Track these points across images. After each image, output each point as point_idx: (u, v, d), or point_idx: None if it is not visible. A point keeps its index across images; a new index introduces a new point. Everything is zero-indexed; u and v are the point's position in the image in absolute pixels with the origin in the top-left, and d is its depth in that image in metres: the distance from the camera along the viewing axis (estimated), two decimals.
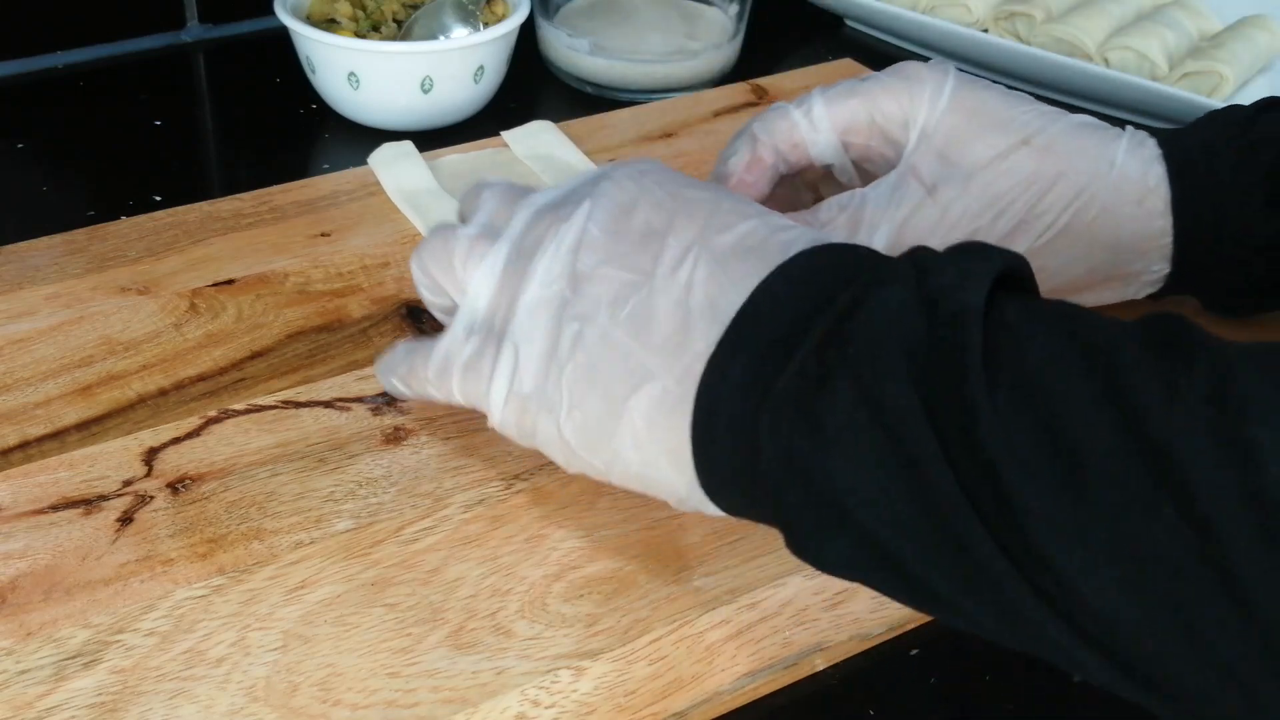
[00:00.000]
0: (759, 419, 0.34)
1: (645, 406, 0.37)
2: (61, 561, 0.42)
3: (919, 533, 0.31)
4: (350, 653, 0.40)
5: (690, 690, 0.40)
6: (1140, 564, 0.28)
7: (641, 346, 0.38)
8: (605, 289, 0.39)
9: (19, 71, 0.75)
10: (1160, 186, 0.50)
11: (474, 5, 0.70)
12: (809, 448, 0.33)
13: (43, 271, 0.56)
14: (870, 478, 0.32)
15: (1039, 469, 0.29)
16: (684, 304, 0.37)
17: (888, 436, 0.31)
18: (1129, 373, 0.29)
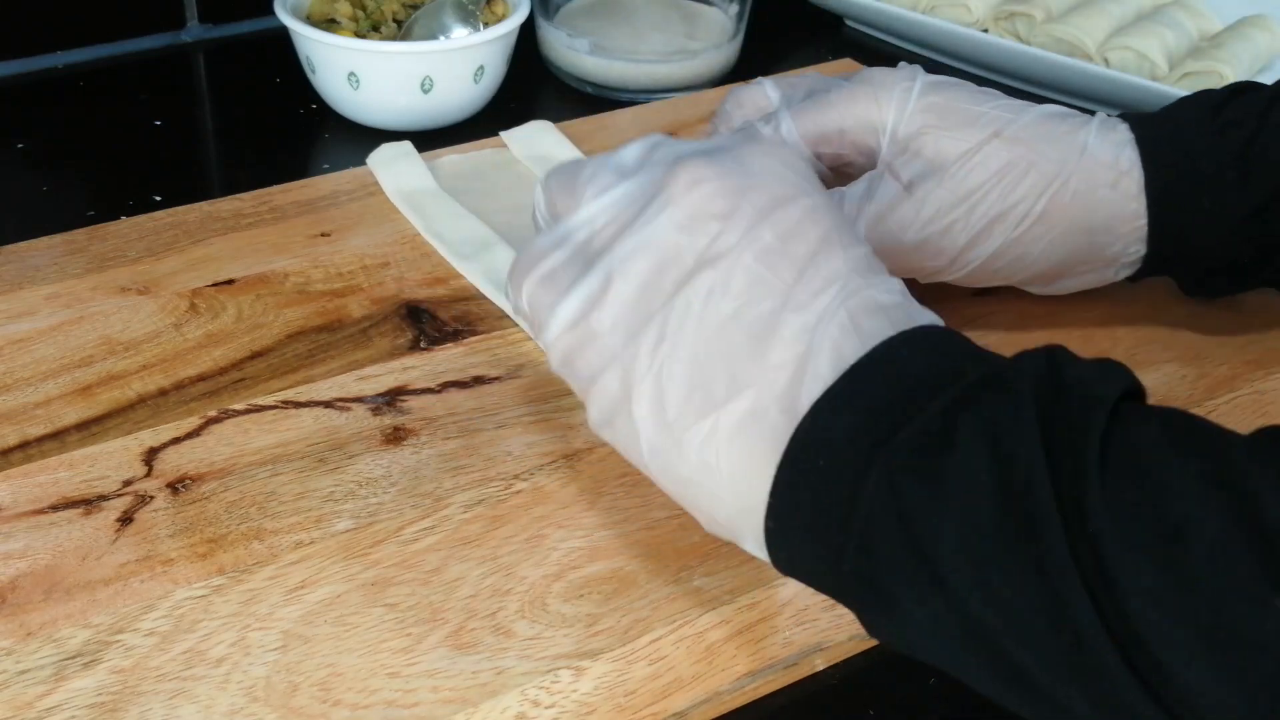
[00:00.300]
0: (871, 466, 0.32)
1: (738, 419, 0.35)
2: (61, 561, 0.42)
3: (1020, 602, 0.30)
4: (350, 653, 0.40)
5: (690, 690, 0.40)
6: (1244, 652, 0.28)
7: (754, 359, 0.35)
8: (740, 279, 0.36)
9: (19, 71, 0.75)
10: (1133, 169, 0.51)
11: (474, 5, 0.70)
12: (924, 502, 0.31)
13: (43, 271, 0.56)
14: (979, 537, 0.30)
15: (1143, 544, 0.29)
16: (810, 335, 0.35)
17: (1005, 497, 0.30)
18: (1241, 459, 0.29)
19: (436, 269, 0.58)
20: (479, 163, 0.65)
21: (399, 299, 0.56)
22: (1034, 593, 0.30)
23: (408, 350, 0.53)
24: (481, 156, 0.66)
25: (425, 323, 0.54)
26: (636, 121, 0.71)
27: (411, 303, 0.55)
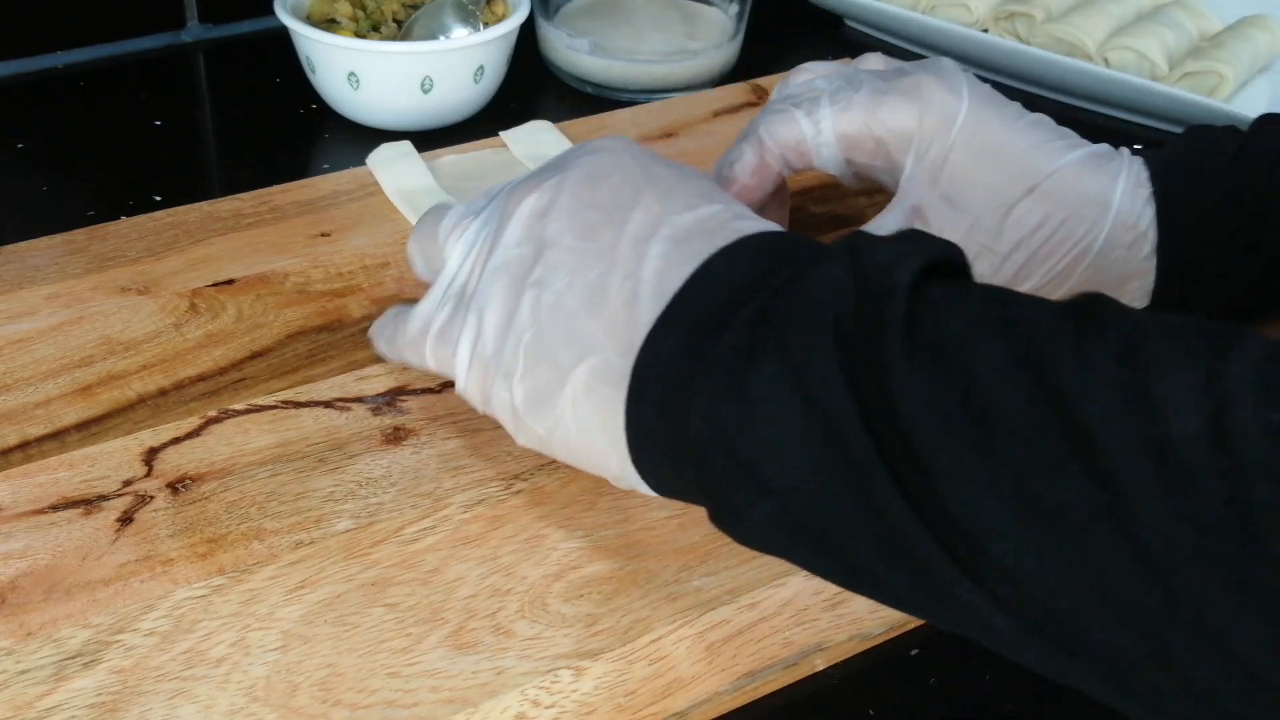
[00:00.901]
0: (690, 389, 0.35)
1: (587, 377, 0.38)
2: (61, 561, 0.42)
3: (835, 498, 0.32)
4: (350, 653, 0.40)
5: (690, 690, 0.40)
6: (1047, 519, 0.29)
7: (592, 317, 0.38)
8: (567, 257, 0.39)
9: (19, 71, 0.75)
10: (1150, 231, 0.50)
11: (474, 5, 0.70)
12: (734, 416, 0.33)
13: (43, 271, 0.56)
14: (790, 445, 0.32)
15: (950, 428, 0.30)
16: (635, 278, 0.38)
17: (807, 404, 0.32)
18: (1043, 337, 0.30)
19: None
20: (479, 163, 0.65)
21: (399, 299, 0.56)
22: (846, 490, 0.32)
23: None
24: (481, 156, 0.66)
25: None
26: (636, 121, 0.71)
27: (412, 302, 0.55)
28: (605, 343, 0.38)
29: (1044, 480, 0.29)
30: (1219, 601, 0.27)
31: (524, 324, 0.40)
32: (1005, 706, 0.42)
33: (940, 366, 0.30)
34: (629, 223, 0.39)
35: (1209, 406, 0.27)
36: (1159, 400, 0.28)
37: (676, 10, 0.81)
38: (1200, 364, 0.28)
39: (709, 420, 0.34)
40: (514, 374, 0.40)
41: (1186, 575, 0.27)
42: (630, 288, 0.38)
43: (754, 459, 0.33)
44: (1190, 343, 0.29)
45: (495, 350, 0.41)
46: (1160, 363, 0.28)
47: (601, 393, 0.38)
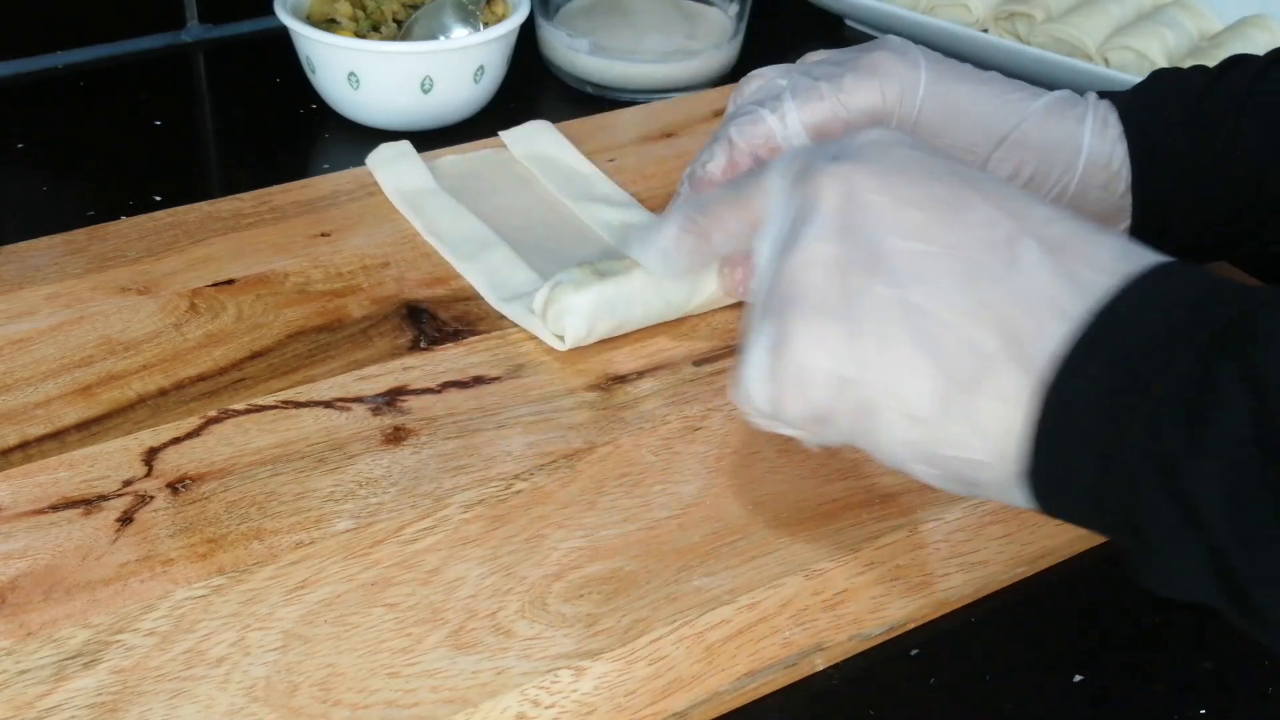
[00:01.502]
0: (1132, 417, 0.33)
1: (981, 390, 0.35)
2: (61, 561, 0.42)
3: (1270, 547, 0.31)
4: (350, 653, 0.40)
5: (690, 690, 0.40)
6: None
7: (972, 328, 0.35)
8: (906, 265, 0.36)
9: (19, 71, 0.75)
10: (1123, 168, 0.52)
11: (474, 5, 0.70)
12: (1185, 450, 0.32)
13: (43, 271, 0.56)
14: (1238, 489, 0.31)
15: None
16: (1021, 293, 0.35)
17: (1267, 449, 0.31)
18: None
19: (436, 269, 0.58)
20: (478, 163, 0.65)
21: (399, 299, 0.56)
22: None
23: (408, 350, 0.53)
24: (481, 156, 0.66)
25: (425, 323, 0.54)
26: (636, 121, 0.71)
27: (411, 303, 0.55)
28: (994, 354, 0.35)
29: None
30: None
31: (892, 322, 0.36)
32: (1005, 706, 0.42)
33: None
34: (970, 228, 0.36)
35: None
36: None
37: (676, 10, 0.81)
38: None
39: (1152, 448, 0.32)
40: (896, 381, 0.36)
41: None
42: (1018, 304, 0.35)
43: (1197, 497, 0.32)
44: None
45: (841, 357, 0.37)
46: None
47: (992, 408, 0.35)
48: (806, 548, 0.45)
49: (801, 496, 0.47)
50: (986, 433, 0.36)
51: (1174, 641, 0.44)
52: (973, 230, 0.36)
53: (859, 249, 0.37)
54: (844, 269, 0.37)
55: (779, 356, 0.37)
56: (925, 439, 0.36)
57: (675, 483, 0.47)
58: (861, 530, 0.45)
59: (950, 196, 0.37)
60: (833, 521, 0.46)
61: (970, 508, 0.47)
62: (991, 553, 0.46)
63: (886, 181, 0.37)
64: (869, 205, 0.37)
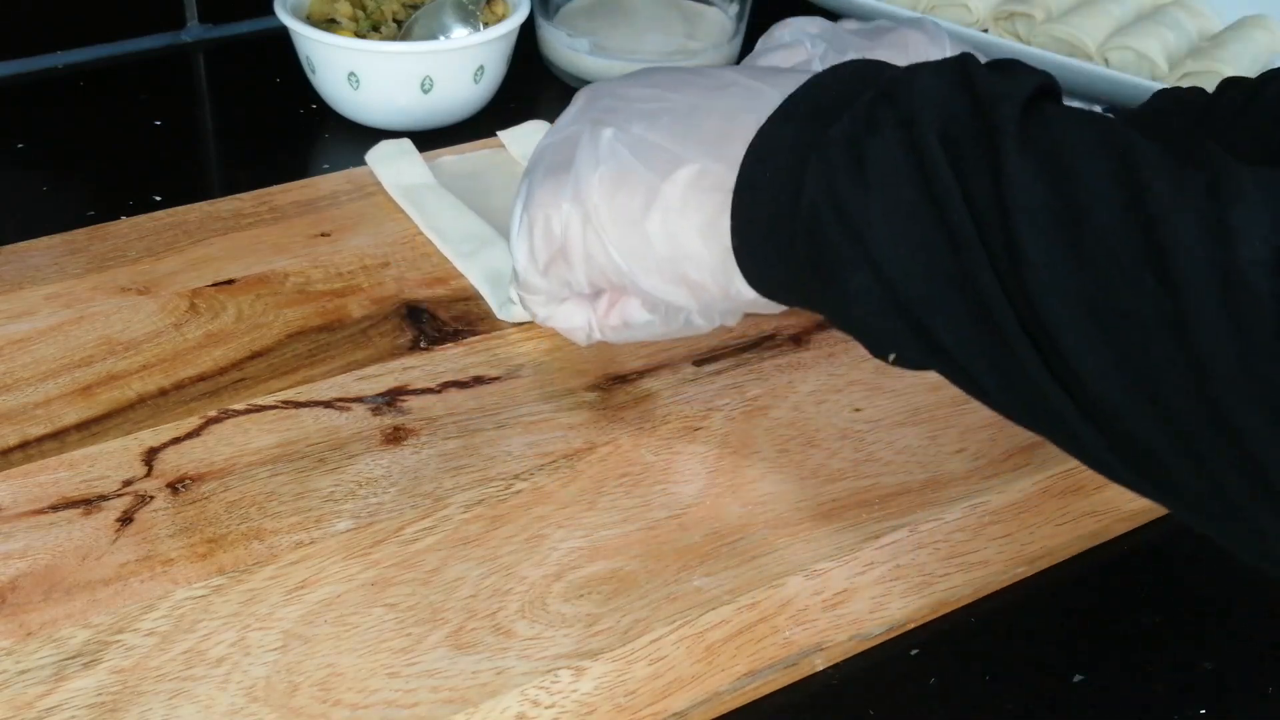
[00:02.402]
0: (805, 165, 0.36)
1: (680, 186, 0.40)
2: (61, 561, 0.42)
3: (935, 270, 0.34)
4: (350, 653, 0.40)
5: (690, 690, 0.40)
6: (1115, 320, 0.31)
7: (678, 144, 0.40)
8: (638, 108, 0.42)
9: (19, 71, 0.75)
10: None
11: (474, 5, 0.70)
12: (849, 184, 0.35)
13: (43, 271, 0.56)
14: (897, 218, 0.34)
15: (1045, 226, 0.32)
16: (725, 107, 0.40)
17: (920, 179, 0.34)
18: (1145, 163, 0.32)
19: (436, 269, 0.58)
20: (477, 163, 0.65)
21: (399, 299, 0.56)
22: (948, 265, 0.34)
23: (408, 350, 0.53)
24: (479, 156, 0.66)
25: (425, 323, 0.54)
26: None
27: (411, 303, 0.55)
28: (700, 156, 0.40)
29: (1118, 285, 0.31)
30: (1255, 420, 0.29)
31: (602, 157, 0.41)
32: (1005, 706, 0.42)
33: (1047, 170, 0.33)
34: (696, 86, 0.42)
35: (1276, 239, 0.29)
36: (1233, 229, 0.30)
37: (676, 10, 0.81)
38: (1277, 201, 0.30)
39: (824, 188, 0.36)
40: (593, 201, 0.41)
41: (1230, 391, 0.30)
42: (721, 117, 0.40)
43: (864, 226, 0.35)
44: (1275, 187, 0.31)
45: (564, 187, 0.42)
46: (1245, 199, 0.30)
47: (697, 199, 0.40)
48: (806, 548, 0.45)
49: (801, 496, 0.47)
50: (691, 221, 0.40)
51: (1174, 641, 0.44)
52: (701, 85, 0.42)
53: (595, 111, 0.43)
54: (579, 135, 0.43)
55: (527, 207, 0.43)
56: (640, 247, 0.41)
57: (675, 483, 0.47)
58: (861, 530, 0.45)
59: (694, 74, 0.43)
60: (833, 521, 0.46)
61: (970, 508, 0.47)
62: (991, 553, 0.46)
63: (638, 76, 0.44)
64: (616, 88, 0.43)
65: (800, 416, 0.50)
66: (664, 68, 0.44)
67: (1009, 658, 0.43)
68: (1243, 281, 0.29)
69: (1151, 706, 0.42)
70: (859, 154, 0.35)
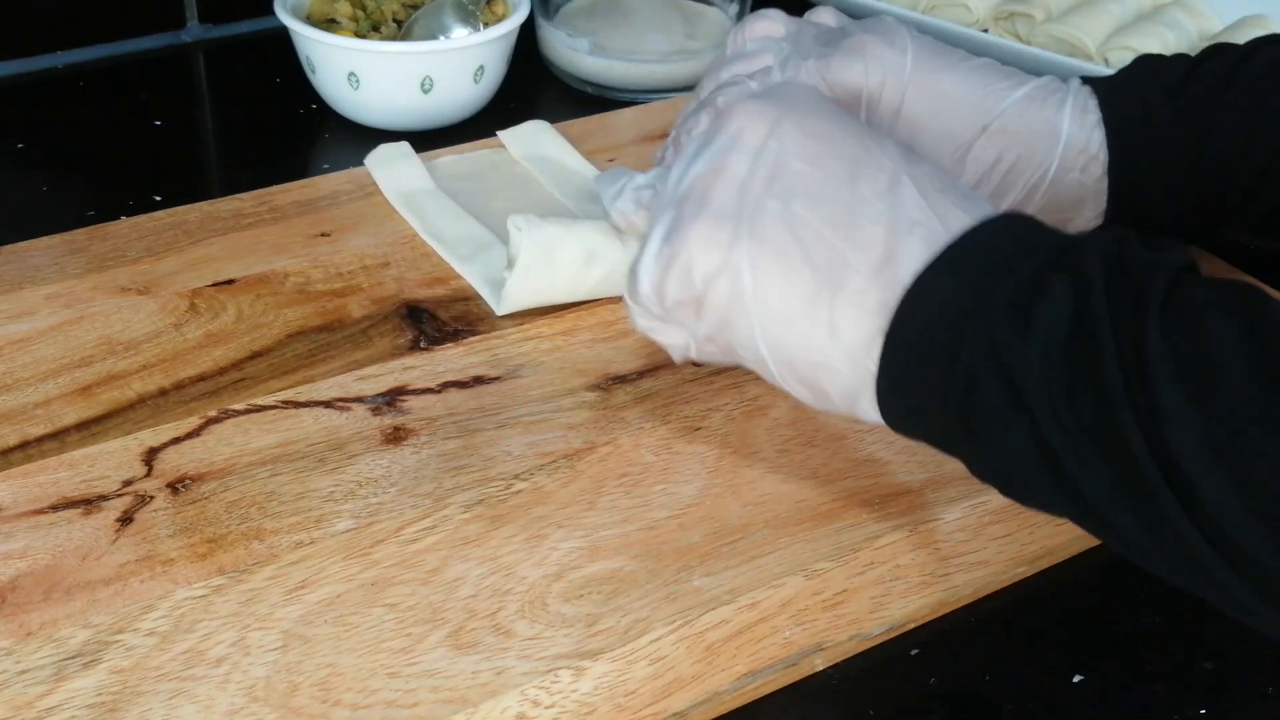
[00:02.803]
0: (971, 319, 0.37)
1: (842, 298, 0.39)
2: (61, 561, 0.42)
3: (1084, 431, 0.35)
4: (350, 653, 0.40)
5: (690, 690, 0.40)
6: (1254, 466, 0.32)
7: (847, 245, 0.39)
8: (803, 183, 0.40)
9: (19, 71, 0.75)
10: (1100, 152, 0.53)
11: (474, 5, 0.70)
12: (1013, 341, 0.36)
13: (43, 271, 0.56)
14: (1057, 376, 0.35)
15: (1185, 382, 0.33)
16: (891, 218, 0.39)
17: (1080, 341, 0.35)
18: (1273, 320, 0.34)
19: (436, 269, 0.58)
20: (477, 163, 0.65)
21: (399, 299, 0.56)
22: (1097, 422, 0.35)
23: (408, 350, 0.53)
24: (479, 157, 0.66)
25: (425, 323, 0.54)
26: (636, 121, 0.71)
27: (411, 303, 0.55)
28: (865, 271, 0.39)
29: (1254, 434, 0.32)
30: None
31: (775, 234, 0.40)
32: (1005, 706, 0.42)
33: (1185, 329, 0.34)
34: (861, 164, 0.40)
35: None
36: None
37: (676, 10, 0.81)
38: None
39: (987, 344, 0.36)
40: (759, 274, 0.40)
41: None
42: (885, 230, 0.39)
43: (1023, 381, 0.36)
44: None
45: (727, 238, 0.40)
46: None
47: (853, 315, 0.39)
48: (806, 548, 0.45)
49: (801, 496, 0.47)
50: (842, 339, 0.39)
51: (1174, 641, 0.44)
52: (862, 167, 0.40)
53: (761, 165, 0.41)
54: (743, 180, 0.41)
55: (670, 241, 0.41)
56: (785, 338, 0.40)
57: (675, 483, 0.47)
58: (861, 530, 0.45)
59: (850, 140, 0.41)
60: (833, 521, 0.46)
61: (970, 508, 0.47)
62: (991, 553, 0.46)
63: (795, 115, 0.41)
64: (776, 130, 0.41)
65: (800, 416, 0.50)
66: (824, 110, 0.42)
67: (1009, 658, 0.43)
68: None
69: (1151, 706, 0.42)
70: (1025, 313, 0.36)
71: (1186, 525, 0.34)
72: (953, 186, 0.41)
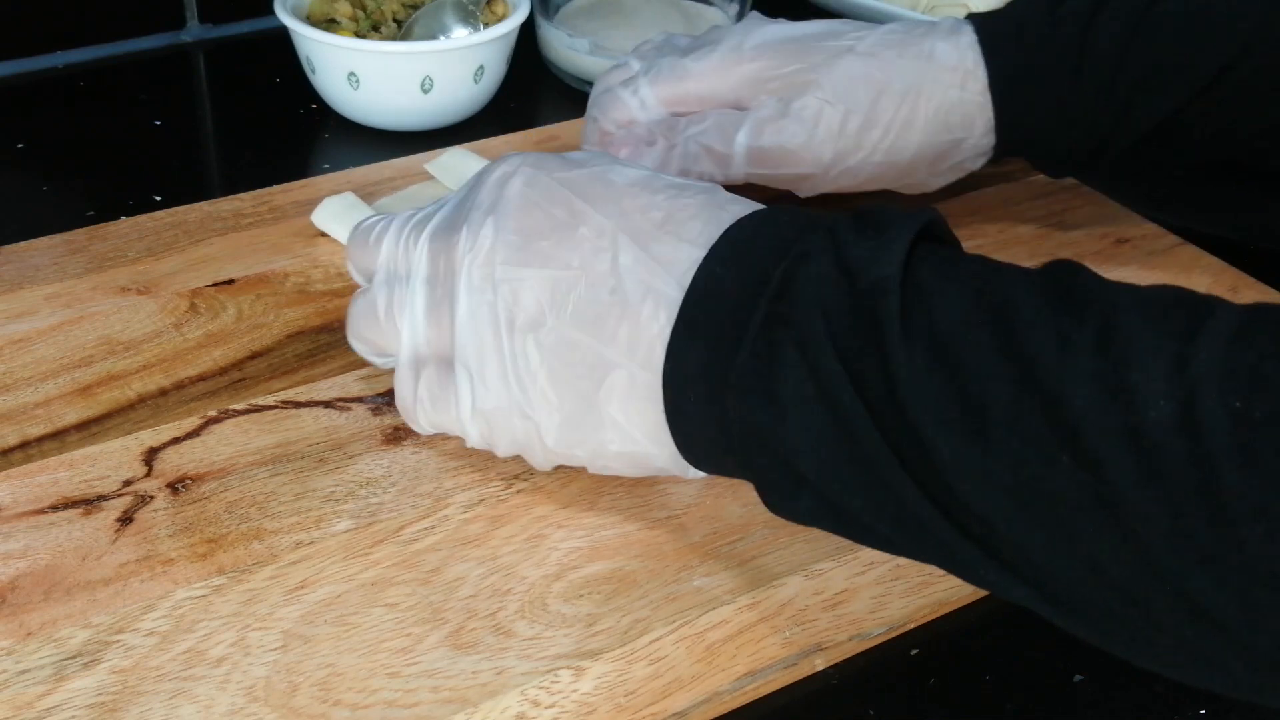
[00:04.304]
0: (725, 399, 0.37)
1: (617, 396, 0.40)
2: (61, 561, 0.42)
3: (859, 488, 0.35)
4: (350, 653, 0.40)
5: (690, 690, 0.40)
6: (1044, 505, 0.31)
7: (595, 339, 0.40)
8: (538, 292, 0.41)
9: (19, 71, 0.75)
10: (978, 69, 0.54)
11: (474, 5, 0.70)
12: (767, 421, 0.36)
13: (43, 271, 0.56)
14: (816, 444, 0.35)
15: (949, 421, 0.32)
16: (621, 292, 0.40)
17: (826, 406, 0.35)
18: (1027, 328, 0.32)
19: None
20: (414, 198, 0.63)
21: None
22: (872, 483, 0.34)
23: None
24: (414, 191, 0.64)
25: None
26: None
27: None
28: (622, 359, 0.40)
29: (1038, 470, 0.31)
30: (1195, 575, 0.29)
31: (532, 365, 0.41)
32: (1005, 706, 0.42)
33: (936, 361, 0.33)
34: (581, 239, 0.41)
35: (1180, 394, 0.29)
36: (1134, 390, 0.30)
37: (676, 10, 0.81)
38: (1172, 347, 0.30)
39: (746, 424, 0.37)
40: (538, 414, 0.42)
41: (1166, 553, 0.30)
42: (619, 304, 0.40)
43: (790, 455, 0.36)
44: (1162, 324, 0.31)
45: (505, 398, 0.42)
46: (1134, 349, 0.30)
47: (636, 407, 0.40)
48: (806, 548, 0.45)
49: None
50: (642, 428, 0.40)
51: None
52: (586, 242, 0.40)
53: (502, 292, 0.41)
54: (497, 315, 0.41)
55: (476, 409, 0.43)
56: (593, 449, 0.42)
57: (675, 483, 0.47)
58: None
59: (567, 216, 0.41)
60: None
61: None
62: None
63: (507, 221, 0.42)
64: (500, 245, 0.41)
65: None
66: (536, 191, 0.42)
67: (1009, 658, 0.43)
68: (1155, 444, 0.29)
69: (1151, 706, 0.42)
70: (769, 388, 0.36)
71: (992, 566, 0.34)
72: (674, 208, 0.40)
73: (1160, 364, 0.30)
